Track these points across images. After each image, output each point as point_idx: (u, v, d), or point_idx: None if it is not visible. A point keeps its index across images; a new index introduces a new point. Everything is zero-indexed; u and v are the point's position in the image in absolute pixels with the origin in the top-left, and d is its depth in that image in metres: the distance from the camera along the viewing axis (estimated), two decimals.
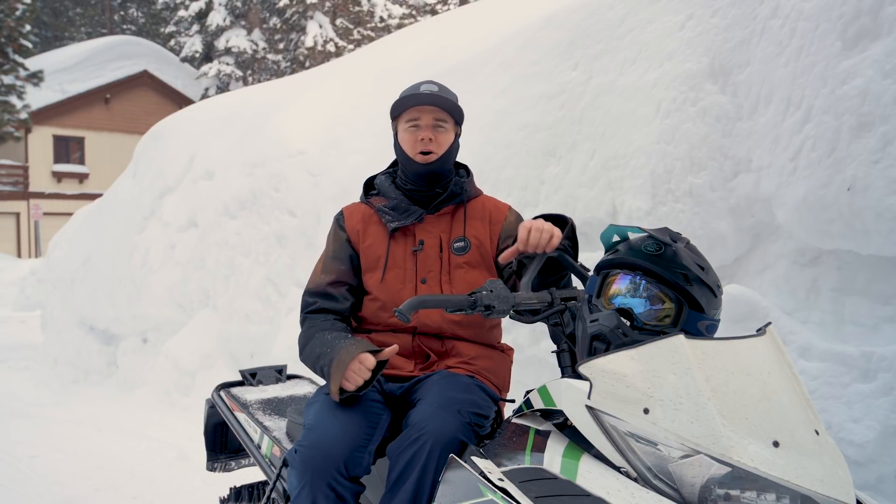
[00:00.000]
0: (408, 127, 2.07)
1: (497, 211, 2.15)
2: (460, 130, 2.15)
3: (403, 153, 2.09)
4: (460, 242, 2.07)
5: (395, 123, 2.12)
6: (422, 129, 2.05)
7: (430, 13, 23.35)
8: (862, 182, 2.32)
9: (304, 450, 1.79)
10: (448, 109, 2.06)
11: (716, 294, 1.59)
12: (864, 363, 2.35)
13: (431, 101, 2.04)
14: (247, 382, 2.83)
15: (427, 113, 2.05)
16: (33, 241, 23.92)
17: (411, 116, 2.06)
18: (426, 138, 2.04)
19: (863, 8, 2.45)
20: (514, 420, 1.61)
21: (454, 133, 2.12)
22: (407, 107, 2.06)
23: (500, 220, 2.13)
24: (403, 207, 2.08)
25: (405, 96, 2.08)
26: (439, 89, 2.08)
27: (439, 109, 2.06)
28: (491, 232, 2.11)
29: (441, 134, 2.07)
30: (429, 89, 2.06)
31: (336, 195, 5.32)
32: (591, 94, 3.72)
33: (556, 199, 3.68)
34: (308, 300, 2.12)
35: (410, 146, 2.06)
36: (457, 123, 2.12)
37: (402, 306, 1.62)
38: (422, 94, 2.05)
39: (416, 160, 2.05)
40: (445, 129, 2.08)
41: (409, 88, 2.11)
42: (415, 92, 2.06)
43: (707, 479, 1.24)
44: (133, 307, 7.05)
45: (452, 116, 2.09)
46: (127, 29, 37.64)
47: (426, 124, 2.05)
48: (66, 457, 4.73)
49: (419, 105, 2.05)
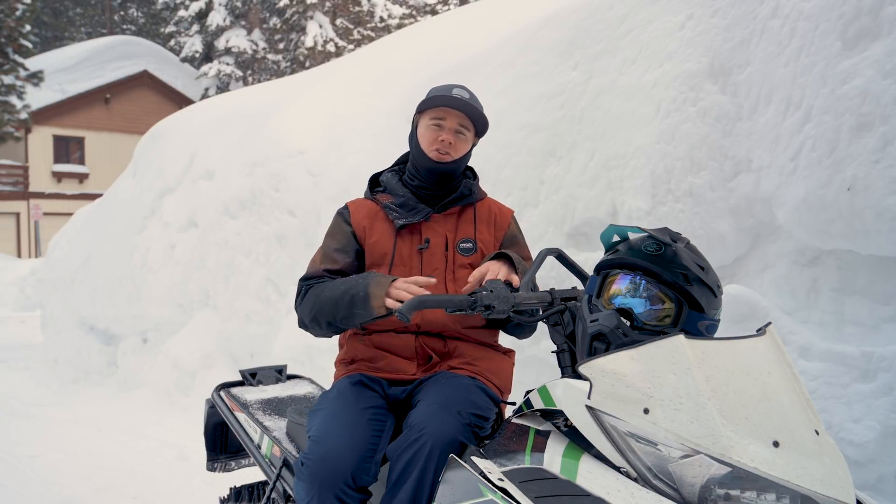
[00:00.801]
0: (430, 124, 2.07)
1: (502, 216, 2.18)
2: (477, 141, 2.16)
3: (418, 147, 2.09)
4: (468, 244, 2.08)
5: (418, 118, 2.12)
6: (444, 130, 2.06)
7: (430, 13, 23.35)
8: (862, 182, 2.32)
9: (312, 462, 1.79)
10: (474, 119, 2.08)
11: (716, 294, 1.59)
12: (864, 363, 2.35)
13: (461, 107, 2.04)
14: (247, 382, 2.83)
15: (453, 117, 2.06)
16: (33, 241, 23.92)
17: (437, 115, 2.07)
18: (447, 141, 2.05)
19: (863, 8, 2.45)
20: (514, 420, 1.61)
21: (472, 143, 2.13)
22: (436, 105, 2.06)
23: (504, 226, 2.16)
24: (411, 205, 2.09)
25: (437, 95, 2.08)
26: (470, 97, 2.09)
27: (465, 117, 2.07)
28: (495, 237, 2.14)
29: (460, 141, 2.08)
30: (460, 94, 2.07)
31: (336, 195, 5.32)
32: (591, 94, 3.72)
33: (556, 199, 3.68)
34: (304, 284, 2.08)
35: (428, 143, 2.07)
36: (476, 134, 2.13)
37: (403, 307, 1.62)
38: (454, 97, 2.05)
39: (430, 155, 2.06)
40: (465, 138, 2.09)
41: (441, 88, 2.11)
42: (447, 94, 2.06)
43: (707, 479, 1.24)
44: (133, 307, 7.05)
45: (475, 126, 2.10)
46: (127, 29, 37.64)
47: (450, 127, 2.06)
48: (66, 457, 4.73)
49: (449, 107, 2.05)
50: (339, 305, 1.92)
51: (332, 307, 1.94)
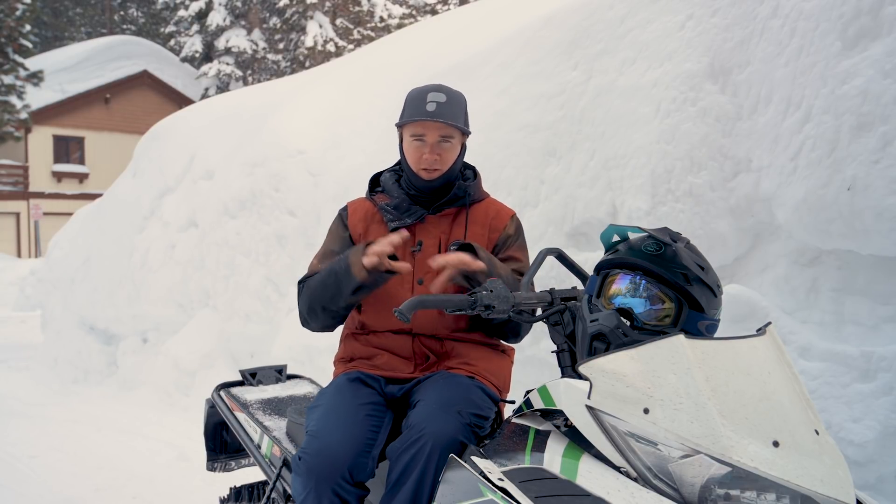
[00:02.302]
0: (412, 140, 2.03)
1: (498, 218, 2.13)
2: (466, 139, 2.11)
3: (408, 165, 2.06)
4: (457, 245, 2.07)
5: (401, 131, 2.09)
6: (427, 145, 2.01)
7: (430, 13, 23.35)
8: (862, 182, 2.32)
9: (309, 457, 1.79)
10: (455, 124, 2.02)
11: (716, 294, 1.59)
12: (864, 363, 2.35)
13: (438, 118, 1.98)
14: (247, 382, 2.83)
15: (432, 130, 2.00)
16: (33, 241, 23.90)
17: (416, 131, 2.02)
18: (430, 158, 2.00)
19: (863, 8, 2.45)
20: (514, 420, 1.61)
21: (461, 144, 2.08)
22: (412, 120, 2.01)
23: (499, 227, 2.11)
24: (405, 207, 2.07)
25: (411, 109, 2.02)
26: (446, 99, 2.01)
27: (445, 125, 2.01)
28: (489, 239, 2.09)
29: (446, 150, 2.03)
30: (434, 102, 1.99)
31: (336, 195, 5.32)
32: (591, 94, 3.72)
33: (556, 199, 3.68)
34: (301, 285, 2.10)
35: (415, 161, 2.03)
36: (463, 133, 2.08)
37: (402, 306, 1.62)
38: (428, 111, 1.98)
39: (420, 175, 2.03)
40: (451, 144, 2.04)
41: (416, 97, 2.04)
42: (422, 105, 2.00)
43: (707, 479, 1.24)
44: (133, 307, 7.05)
45: (459, 128, 2.05)
46: (127, 29, 37.63)
47: (431, 141, 2.00)
48: (65, 457, 4.72)
49: (426, 121, 1.99)
50: (327, 285, 1.97)
51: (322, 290, 1.99)
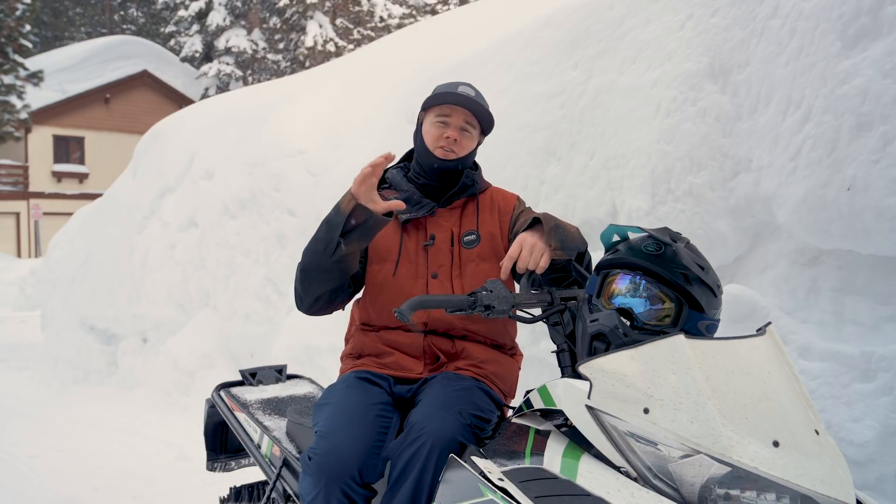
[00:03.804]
0: (436, 121, 2.08)
1: (505, 201, 2.16)
2: (483, 139, 2.17)
3: (423, 145, 2.10)
4: (471, 236, 2.08)
5: (423, 115, 2.13)
6: (450, 127, 2.07)
7: (430, 13, 23.35)
8: (862, 182, 2.32)
9: (319, 457, 1.78)
10: (479, 116, 2.09)
11: (716, 294, 1.59)
12: (864, 363, 2.34)
13: (467, 104, 2.05)
14: (247, 382, 2.83)
15: (459, 114, 2.07)
16: (33, 241, 23.91)
17: (442, 112, 2.08)
18: (452, 138, 2.05)
19: (863, 8, 2.45)
20: (514, 420, 1.61)
21: (477, 141, 2.14)
22: (441, 102, 2.07)
23: (508, 209, 2.14)
24: (415, 200, 2.09)
25: (443, 92, 2.09)
26: (475, 94, 2.10)
27: (471, 114, 2.08)
28: (501, 223, 2.12)
29: (466, 138, 2.09)
30: (466, 92, 2.08)
31: (336, 195, 5.30)
32: (591, 94, 3.72)
33: (556, 198, 3.68)
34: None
35: (433, 140, 2.07)
36: (482, 132, 2.14)
37: (403, 306, 1.62)
38: (459, 94, 2.06)
39: (434, 153, 2.06)
40: (471, 135, 2.10)
41: (447, 85, 2.12)
42: (452, 91, 2.08)
43: (707, 479, 1.24)
44: (133, 307, 7.05)
45: (481, 124, 2.11)
46: (127, 29, 37.63)
47: (455, 124, 2.07)
48: (65, 457, 4.73)
49: (454, 104, 2.06)
50: (318, 238, 1.91)
51: (314, 244, 1.93)
